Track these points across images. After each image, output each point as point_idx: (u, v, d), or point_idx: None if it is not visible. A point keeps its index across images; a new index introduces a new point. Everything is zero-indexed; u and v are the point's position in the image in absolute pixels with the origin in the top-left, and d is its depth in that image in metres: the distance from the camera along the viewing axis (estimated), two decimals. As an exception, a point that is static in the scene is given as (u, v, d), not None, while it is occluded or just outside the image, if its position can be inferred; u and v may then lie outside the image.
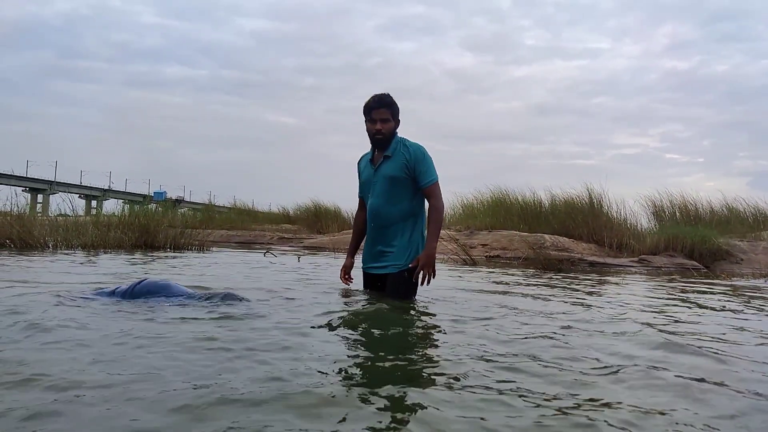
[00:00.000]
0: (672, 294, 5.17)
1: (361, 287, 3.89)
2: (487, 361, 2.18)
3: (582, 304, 4.05)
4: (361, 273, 3.89)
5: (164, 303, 3.09)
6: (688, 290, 5.58)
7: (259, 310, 3.13)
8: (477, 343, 2.51)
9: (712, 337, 2.90)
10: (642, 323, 3.26)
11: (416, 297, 3.68)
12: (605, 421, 1.56)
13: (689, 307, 4.18)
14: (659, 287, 5.92)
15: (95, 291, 3.35)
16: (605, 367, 2.16)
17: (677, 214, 12.84)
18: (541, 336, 2.72)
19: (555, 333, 2.82)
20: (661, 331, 3.04)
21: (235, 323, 2.73)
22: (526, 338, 2.67)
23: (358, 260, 3.96)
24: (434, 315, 3.25)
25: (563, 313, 3.53)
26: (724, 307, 4.30)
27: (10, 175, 58.57)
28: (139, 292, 3.18)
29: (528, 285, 5.41)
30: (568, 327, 3.02)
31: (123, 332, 2.39)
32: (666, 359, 2.34)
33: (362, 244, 3.95)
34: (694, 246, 10.41)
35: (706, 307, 4.22)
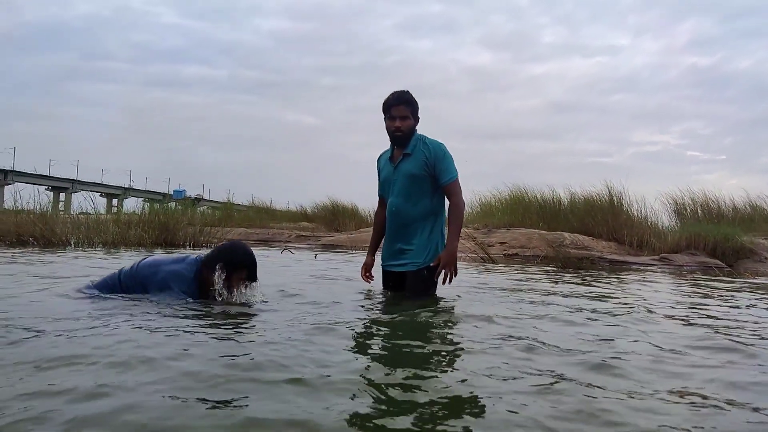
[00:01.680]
0: (699, 291, 5.09)
1: (380, 285, 3.88)
2: (535, 369, 2.10)
3: (608, 301, 4.00)
4: (381, 271, 3.88)
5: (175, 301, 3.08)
6: (714, 288, 5.48)
7: (274, 308, 3.14)
8: (517, 347, 2.39)
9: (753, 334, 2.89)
10: (684, 322, 3.25)
11: (437, 295, 3.66)
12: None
13: (719, 305, 4.13)
14: (684, 285, 5.83)
15: (100, 280, 3.34)
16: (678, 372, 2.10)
17: (699, 212, 12.65)
18: (580, 339, 2.64)
19: (594, 332, 2.79)
20: (708, 328, 3.04)
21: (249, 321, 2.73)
22: (572, 338, 2.62)
23: (379, 258, 3.95)
24: (460, 315, 3.19)
25: (592, 310, 3.50)
26: (754, 305, 4.23)
27: (34, 174, 59.58)
28: (140, 269, 3.19)
29: (550, 283, 5.36)
30: (598, 322, 3.00)
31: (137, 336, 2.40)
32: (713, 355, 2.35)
33: (382, 241, 3.94)
34: (717, 244, 10.24)
35: (739, 306, 4.15)
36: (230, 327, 2.56)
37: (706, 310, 3.83)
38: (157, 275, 3.13)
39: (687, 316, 3.47)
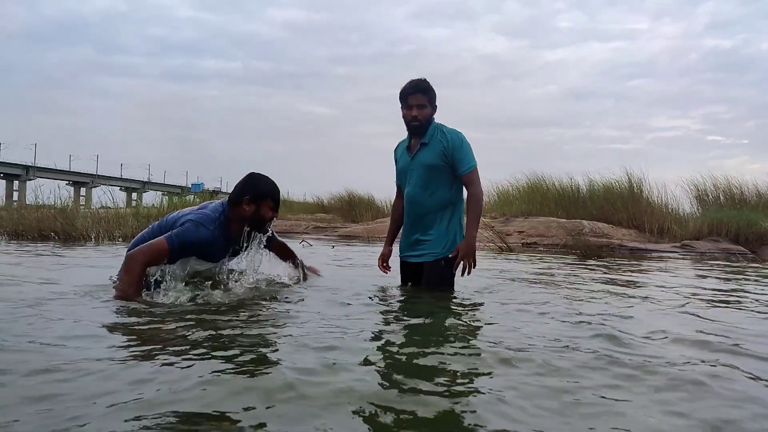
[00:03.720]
0: (730, 278, 5.00)
1: (398, 275, 3.85)
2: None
3: (647, 289, 3.97)
4: (399, 262, 3.85)
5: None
6: (744, 275, 5.38)
7: (289, 300, 3.14)
8: (597, 340, 2.29)
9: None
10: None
11: (460, 285, 3.61)
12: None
13: (755, 291, 4.08)
14: (714, 273, 5.72)
15: (138, 236, 3.37)
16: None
17: (721, 197, 12.43)
18: (648, 330, 2.53)
19: (657, 322, 2.75)
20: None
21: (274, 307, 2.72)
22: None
23: (396, 248, 3.93)
24: (482, 310, 3.11)
25: (640, 297, 3.47)
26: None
27: (54, 170, 60.44)
28: (168, 219, 3.26)
29: (576, 272, 5.29)
30: (653, 313, 2.96)
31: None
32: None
33: (400, 232, 3.90)
34: (740, 230, 10.09)
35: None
36: (241, 322, 2.56)
37: (745, 296, 3.81)
38: (182, 219, 3.18)
39: (735, 304, 3.45)
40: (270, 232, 3.39)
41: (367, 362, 1.89)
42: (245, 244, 3.28)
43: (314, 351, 2.01)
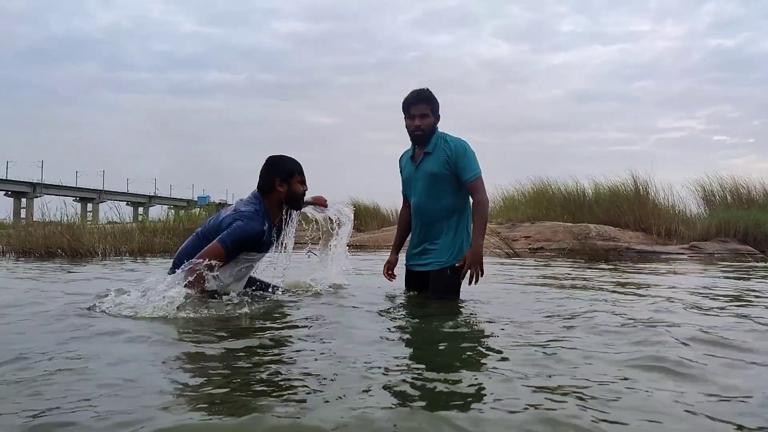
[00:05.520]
0: (748, 279, 4.95)
1: (403, 284, 3.84)
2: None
3: (653, 291, 3.91)
4: (404, 270, 3.84)
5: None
6: (759, 276, 5.33)
7: (296, 306, 3.13)
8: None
9: None
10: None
11: (468, 296, 3.57)
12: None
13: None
14: (726, 274, 5.68)
15: (180, 249, 3.40)
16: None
17: (728, 197, 12.41)
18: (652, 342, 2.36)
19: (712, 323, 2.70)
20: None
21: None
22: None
23: (403, 257, 3.92)
24: (490, 321, 2.99)
25: (644, 298, 3.42)
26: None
27: (61, 186, 60.88)
28: (210, 226, 3.31)
29: (584, 278, 5.25)
30: (696, 315, 2.91)
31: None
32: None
33: (407, 240, 3.90)
34: (748, 230, 10.05)
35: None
36: (245, 328, 2.55)
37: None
38: (227, 220, 3.22)
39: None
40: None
41: (391, 384, 1.74)
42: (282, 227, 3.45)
43: (325, 368, 1.95)
